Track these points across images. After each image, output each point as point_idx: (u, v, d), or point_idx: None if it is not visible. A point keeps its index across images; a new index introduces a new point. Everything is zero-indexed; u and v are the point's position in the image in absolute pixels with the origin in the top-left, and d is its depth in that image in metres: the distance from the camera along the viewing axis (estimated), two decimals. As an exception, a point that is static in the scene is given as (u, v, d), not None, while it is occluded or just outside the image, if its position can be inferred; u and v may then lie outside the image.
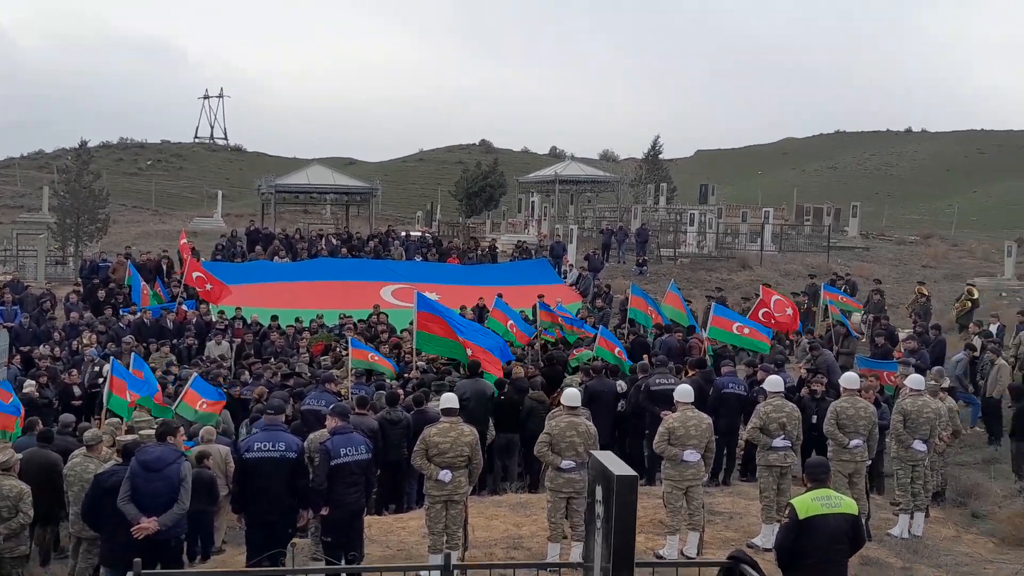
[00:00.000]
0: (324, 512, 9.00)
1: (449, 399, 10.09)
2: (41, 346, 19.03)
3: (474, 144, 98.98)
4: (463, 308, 21.32)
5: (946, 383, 14.45)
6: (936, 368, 15.31)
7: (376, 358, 15.79)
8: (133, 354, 15.00)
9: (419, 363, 16.60)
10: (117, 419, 12.48)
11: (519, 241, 36.06)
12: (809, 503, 7.39)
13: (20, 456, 10.20)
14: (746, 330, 17.65)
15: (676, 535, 10.20)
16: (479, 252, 32.88)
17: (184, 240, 24.93)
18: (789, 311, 18.85)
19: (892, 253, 39.52)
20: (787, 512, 7.56)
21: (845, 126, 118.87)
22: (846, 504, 7.55)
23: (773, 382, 11.53)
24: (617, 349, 16.82)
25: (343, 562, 8.71)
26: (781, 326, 19.11)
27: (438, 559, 9.11)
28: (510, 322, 16.50)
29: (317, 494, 8.89)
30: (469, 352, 15.15)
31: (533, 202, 45.08)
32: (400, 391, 13.94)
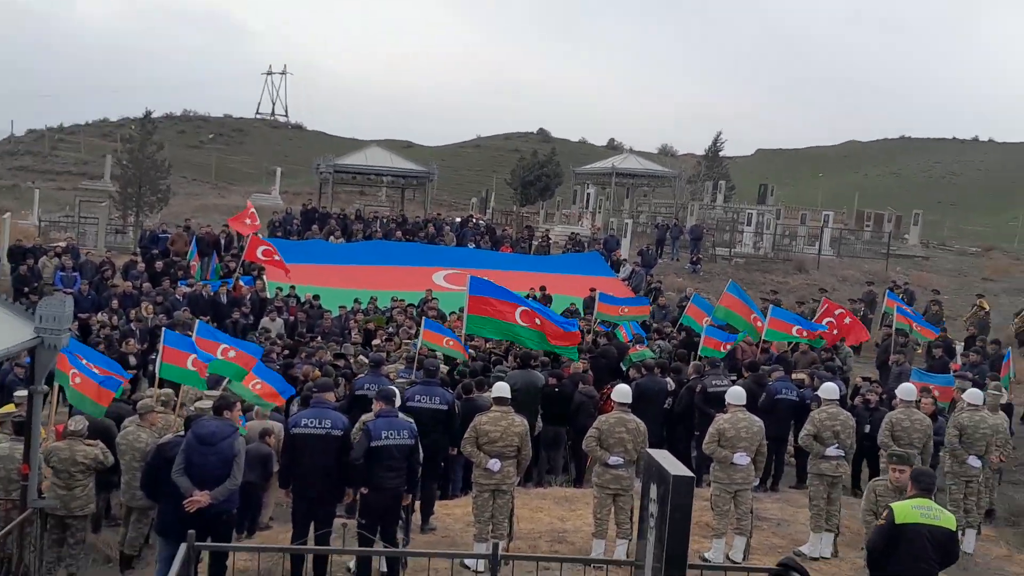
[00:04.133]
0: (364, 491, 9.06)
1: (501, 388, 10.08)
2: (99, 313, 19.38)
3: (532, 132, 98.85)
4: (531, 291, 21.36)
5: (1005, 398, 14.16)
6: (994, 383, 14.98)
7: (452, 343, 15.70)
8: (199, 322, 15.07)
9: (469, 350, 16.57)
10: (170, 389, 12.63)
11: (572, 233, 35.94)
12: (909, 510, 7.32)
13: (87, 422, 10.39)
14: (804, 333, 17.48)
15: (722, 538, 10.12)
16: (533, 242, 32.81)
17: (249, 218, 25.15)
18: (848, 320, 18.63)
19: (952, 264, 38.76)
20: (884, 514, 7.51)
21: (910, 132, 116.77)
22: (945, 518, 7.43)
23: (828, 389, 11.36)
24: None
25: (378, 544, 8.77)
26: (846, 336, 18.85)
27: (483, 547, 9.14)
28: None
29: (355, 471, 8.96)
30: (537, 323, 15.14)
31: (589, 194, 44.88)
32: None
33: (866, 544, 7.73)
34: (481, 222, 36.31)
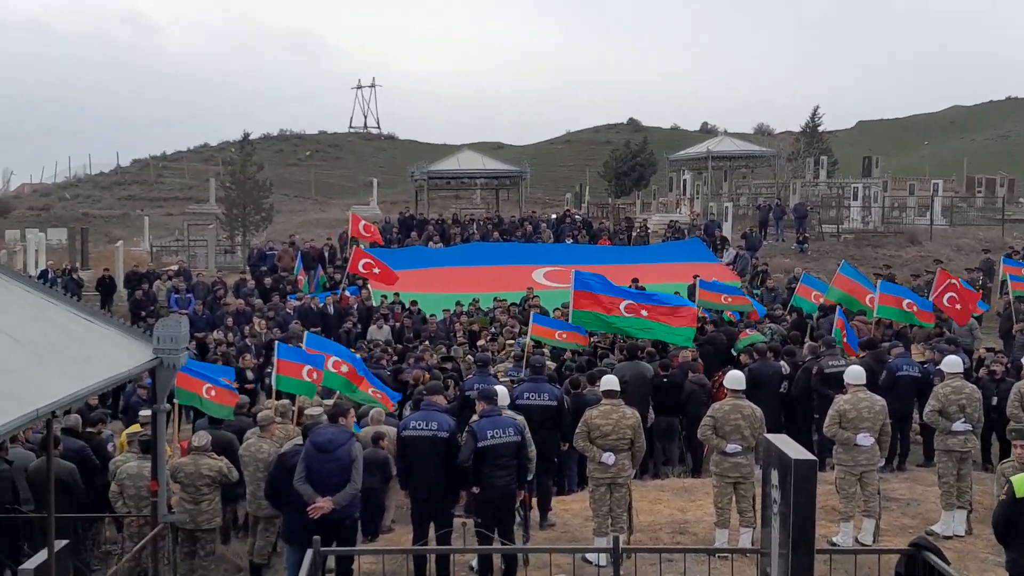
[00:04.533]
0: (475, 491, 9.10)
1: (610, 381, 10.01)
2: (215, 332, 20.00)
3: (622, 123, 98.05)
4: (635, 281, 21.18)
5: None
6: None
7: (564, 334, 15.66)
8: (307, 333, 15.42)
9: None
10: (287, 400, 12.93)
11: (671, 221, 35.51)
12: None
13: (211, 437, 10.71)
14: (915, 307, 16.86)
15: (850, 522, 9.85)
16: (632, 233, 32.55)
17: (361, 227, 26.13)
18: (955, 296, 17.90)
19: (1073, 224, 36.98)
20: (1005, 489, 7.38)
21: (1016, 92, 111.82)
22: None
23: (951, 362, 10.97)
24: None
25: (495, 542, 8.79)
26: (960, 312, 18.07)
27: (603, 542, 9.07)
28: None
29: (463, 472, 9.02)
30: (644, 314, 14.99)
31: (685, 180, 44.29)
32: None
33: (992, 520, 7.60)
34: (578, 217, 36.22)
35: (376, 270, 23.03)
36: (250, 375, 16.53)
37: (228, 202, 39.08)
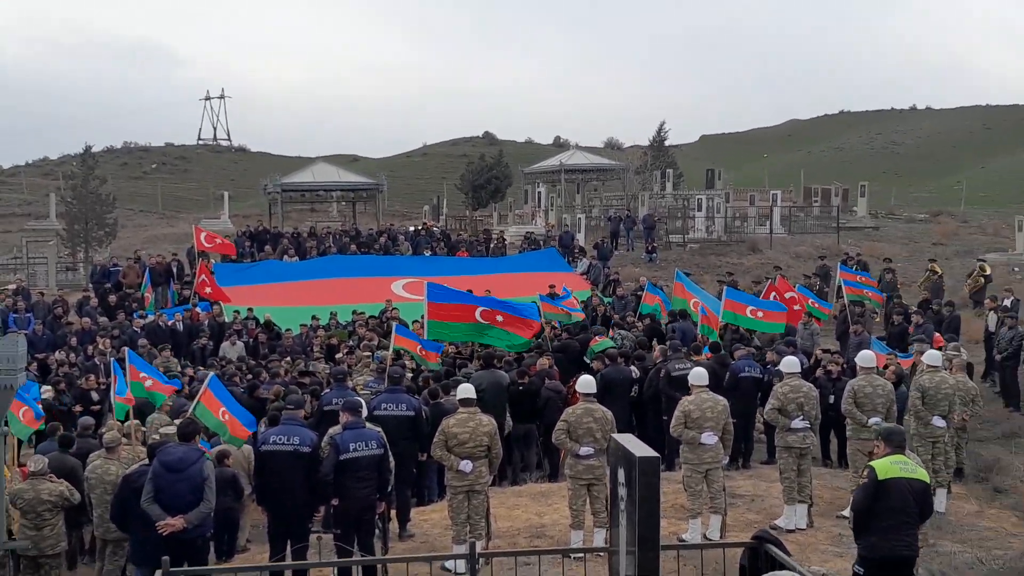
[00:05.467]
0: (334, 503, 9.06)
1: (466, 389, 10.11)
2: (56, 352, 19.10)
3: (477, 136, 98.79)
4: (488, 292, 21.32)
5: (964, 357, 14.41)
6: (952, 343, 15.26)
7: (422, 350, 15.65)
8: (128, 351, 15.06)
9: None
10: (136, 421, 12.51)
11: (527, 232, 36.01)
12: (888, 466, 7.53)
13: (47, 460, 10.28)
14: (760, 313, 17.63)
15: (698, 519, 10.23)
16: (491, 244, 32.84)
17: (203, 237, 25.60)
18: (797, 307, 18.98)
19: (902, 232, 39.36)
20: (865, 473, 7.71)
21: (849, 106, 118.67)
22: (920, 472, 7.71)
23: (789, 363, 11.52)
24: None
25: (355, 554, 8.77)
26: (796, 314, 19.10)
27: (462, 549, 9.14)
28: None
29: (324, 485, 8.97)
30: (499, 320, 15.17)
31: (539, 192, 44.98)
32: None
33: (851, 506, 7.88)
34: (435, 229, 36.27)
35: (208, 289, 23.05)
36: (95, 396, 15.87)
37: (69, 217, 37.37)
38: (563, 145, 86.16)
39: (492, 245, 32.78)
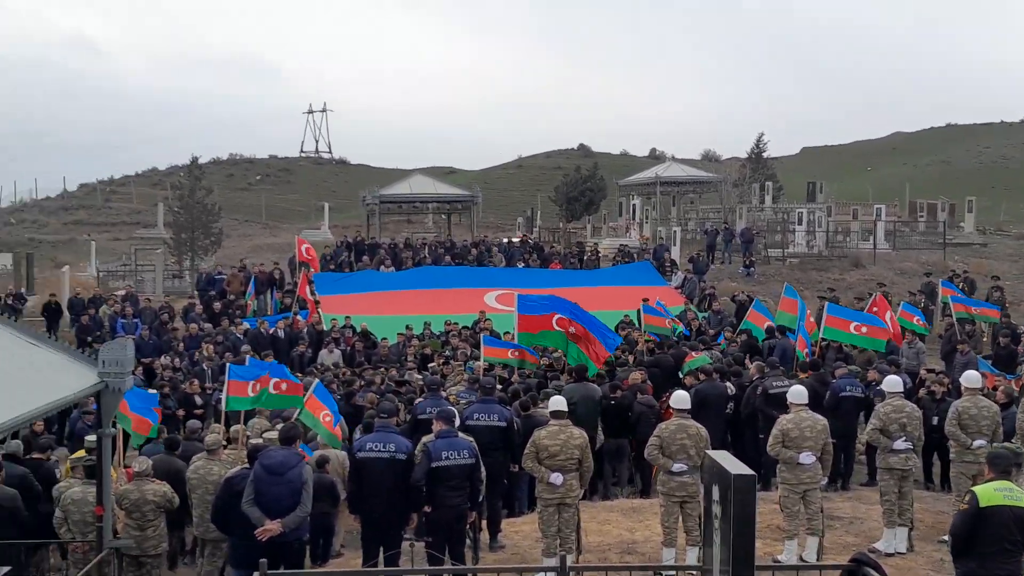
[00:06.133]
0: (427, 511, 9.13)
1: (558, 402, 10.10)
2: (162, 357, 19.78)
3: (572, 148, 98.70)
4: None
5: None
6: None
7: (516, 353, 15.74)
8: (248, 358, 15.38)
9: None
10: (240, 426, 12.83)
11: (621, 245, 35.84)
12: (991, 493, 7.28)
13: (152, 462, 10.61)
14: (864, 329, 17.18)
15: (794, 540, 10.01)
16: (584, 257, 32.80)
17: (304, 249, 26.29)
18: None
19: (1012, 249, 37.95)
20: (967, 499, 7.45)
21: (956, 118, 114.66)
22: None
23: (892, 382, 11.19)
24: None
25: (446, 563, 8.82)
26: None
27: (552, 562, 9.12)
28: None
29: (416, 492, 9.05)
30: (572, 331, 15.13)
31: (634, 205, 44.76)
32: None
33: (950, 531, 7.65)
34: (529, 241, 36.40)
35: (313, 297, 24.10)
36: (198, 400, 16.37)
37: (176, 227, 38.69)
38: (659, 157, 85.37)
39: (585, 257, 32.75)
